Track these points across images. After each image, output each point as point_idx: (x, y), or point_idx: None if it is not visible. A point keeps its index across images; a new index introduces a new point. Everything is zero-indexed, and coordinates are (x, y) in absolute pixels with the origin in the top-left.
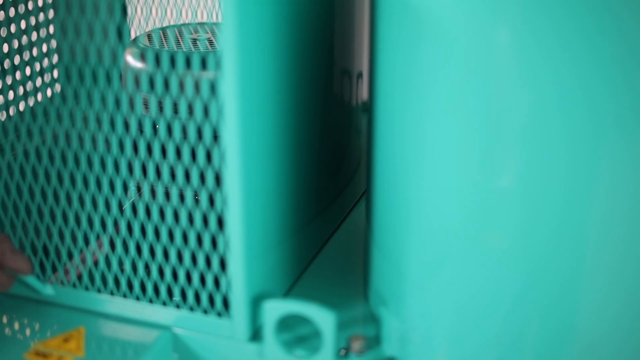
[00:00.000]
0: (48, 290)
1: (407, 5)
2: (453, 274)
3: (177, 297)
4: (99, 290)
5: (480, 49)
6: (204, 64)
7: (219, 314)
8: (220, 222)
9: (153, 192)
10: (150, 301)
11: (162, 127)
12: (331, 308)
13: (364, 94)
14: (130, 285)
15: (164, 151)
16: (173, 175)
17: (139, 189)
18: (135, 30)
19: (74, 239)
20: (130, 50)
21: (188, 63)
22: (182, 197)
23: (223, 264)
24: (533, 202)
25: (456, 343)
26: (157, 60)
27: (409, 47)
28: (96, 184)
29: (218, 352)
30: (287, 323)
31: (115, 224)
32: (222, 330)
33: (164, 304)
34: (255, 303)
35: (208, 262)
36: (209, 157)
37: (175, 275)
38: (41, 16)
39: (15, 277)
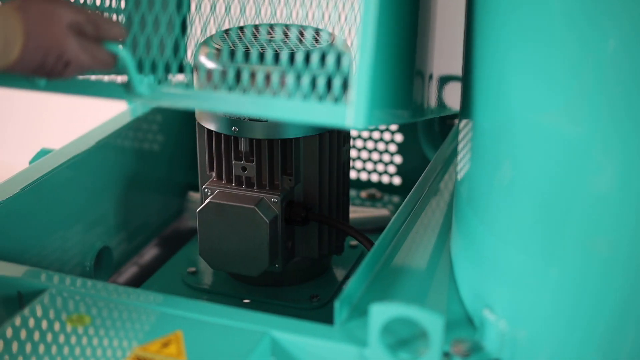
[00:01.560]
0: (144, 87)
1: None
2: (561, 278)
3: None
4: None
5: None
6: None
7: (336, 100)
8: None
9: None
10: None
11: None
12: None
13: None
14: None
15: None
16: None
17: None
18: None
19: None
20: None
21: None
22: None
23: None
24: (635, 208)
25: (561, 345)
26: None
27: (510, 49)
28: None
29: (318, 356)
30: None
31: None
32: (337, 118)
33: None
34: (374, 94)
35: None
36: None
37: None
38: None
39: (116, 56)
